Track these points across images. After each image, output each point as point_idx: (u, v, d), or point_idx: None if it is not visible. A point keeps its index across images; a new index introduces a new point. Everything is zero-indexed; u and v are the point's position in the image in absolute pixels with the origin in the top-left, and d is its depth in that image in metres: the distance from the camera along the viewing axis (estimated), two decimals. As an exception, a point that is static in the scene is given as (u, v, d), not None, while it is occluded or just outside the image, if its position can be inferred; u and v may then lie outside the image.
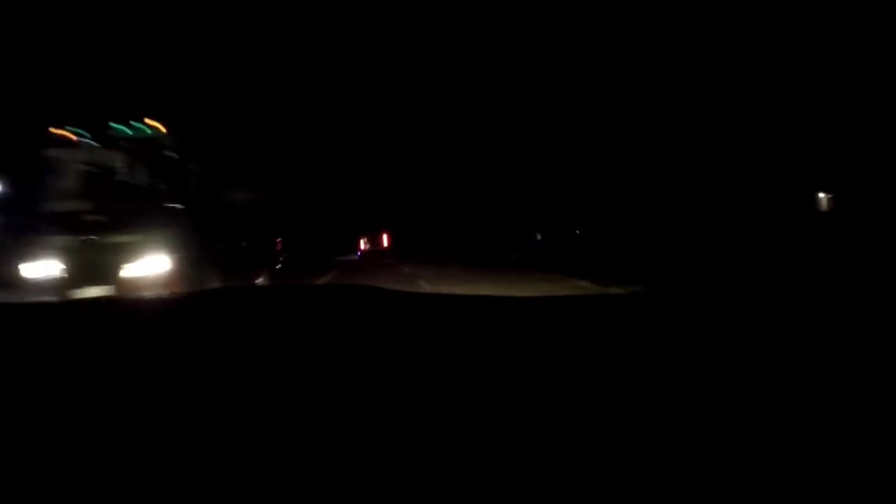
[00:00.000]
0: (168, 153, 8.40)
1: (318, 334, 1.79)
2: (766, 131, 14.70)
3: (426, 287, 11.95)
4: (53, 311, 2.93)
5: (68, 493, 0.86)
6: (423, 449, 0.96)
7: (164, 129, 8.48)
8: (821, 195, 15.35)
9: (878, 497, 0.83)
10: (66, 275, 7.71)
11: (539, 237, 27.63)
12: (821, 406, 1.10)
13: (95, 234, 7.82)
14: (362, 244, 39.08)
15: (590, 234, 21.32)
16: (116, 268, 7.75)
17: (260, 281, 10.75)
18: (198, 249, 8.42)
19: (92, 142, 8.26)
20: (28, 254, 7.88)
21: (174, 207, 8.25)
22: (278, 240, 13.65)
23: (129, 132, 8.38)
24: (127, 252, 7.79)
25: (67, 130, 8.27)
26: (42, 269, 7.76)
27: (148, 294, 6.35)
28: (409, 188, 40.39)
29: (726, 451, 0.94)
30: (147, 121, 8.45)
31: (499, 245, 26.72)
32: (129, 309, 2.72)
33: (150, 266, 7.83)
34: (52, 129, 8.27)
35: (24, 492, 0.86)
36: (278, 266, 13.07)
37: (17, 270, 7.87)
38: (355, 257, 36.85)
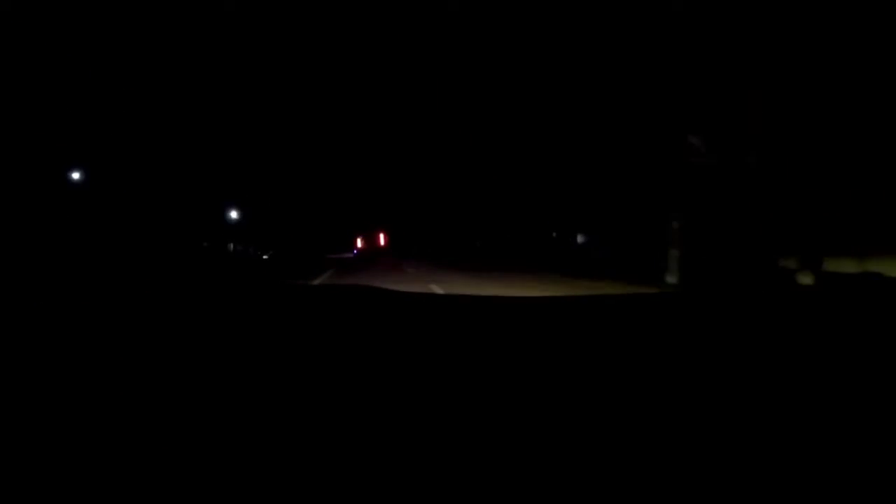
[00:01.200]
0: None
1: (318, 335, 1.79)
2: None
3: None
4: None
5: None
6: (426, 453, 0.95)
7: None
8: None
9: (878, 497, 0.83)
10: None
11: (583, 239, 23.87)
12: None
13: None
14: (359, 242, 38.93)
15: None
16: None
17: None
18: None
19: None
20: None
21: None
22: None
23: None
24: None
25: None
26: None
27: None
28: (408, 186, 40.10)
29: (741, 454, 0.93)
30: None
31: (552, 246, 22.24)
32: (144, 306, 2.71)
33: None
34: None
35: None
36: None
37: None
38: (350, 255, 36.72)
